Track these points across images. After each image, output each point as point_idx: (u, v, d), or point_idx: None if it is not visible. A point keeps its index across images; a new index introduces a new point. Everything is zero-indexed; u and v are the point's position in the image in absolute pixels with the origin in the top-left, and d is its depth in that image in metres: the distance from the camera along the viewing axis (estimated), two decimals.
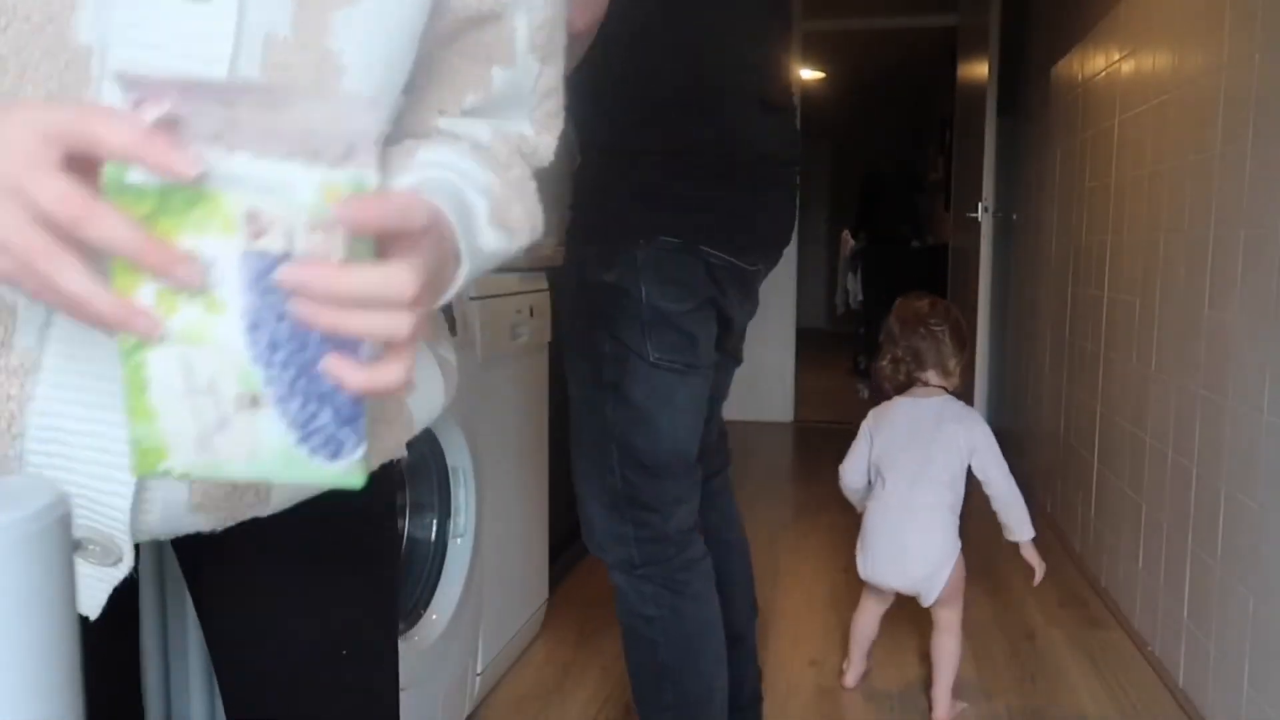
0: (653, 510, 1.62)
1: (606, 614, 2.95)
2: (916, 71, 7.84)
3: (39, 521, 0.40)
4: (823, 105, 8.44)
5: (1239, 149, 2.13)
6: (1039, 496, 4.02)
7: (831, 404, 6.40)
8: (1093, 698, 2.40)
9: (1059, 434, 3.77)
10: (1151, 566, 2.62)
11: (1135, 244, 2.89)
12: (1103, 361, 3.20)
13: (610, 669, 2.49)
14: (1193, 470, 2.34)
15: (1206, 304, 2.30)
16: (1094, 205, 3.37)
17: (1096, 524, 3.17)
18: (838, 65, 7.77)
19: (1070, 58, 3.79)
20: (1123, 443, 2.93)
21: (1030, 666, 2.56)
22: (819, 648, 2.65)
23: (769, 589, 3.12)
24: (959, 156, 5.49)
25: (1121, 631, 2.79)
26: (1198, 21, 2.44)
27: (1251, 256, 2.06)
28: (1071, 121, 3.74)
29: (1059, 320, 3.85)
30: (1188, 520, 2.37)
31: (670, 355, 1.58)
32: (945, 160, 6.78)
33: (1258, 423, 2.00)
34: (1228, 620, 2.13)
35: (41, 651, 0.32)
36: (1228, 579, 2.14)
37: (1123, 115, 3.06)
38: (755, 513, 3.86)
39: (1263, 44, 2.04)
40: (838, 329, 9.16)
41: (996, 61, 4.69)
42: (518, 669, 2.46)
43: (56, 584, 0.41)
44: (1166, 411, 2.55)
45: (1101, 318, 3.23)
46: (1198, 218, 2.37)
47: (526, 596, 2.54)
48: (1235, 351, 2.13)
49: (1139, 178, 2.87)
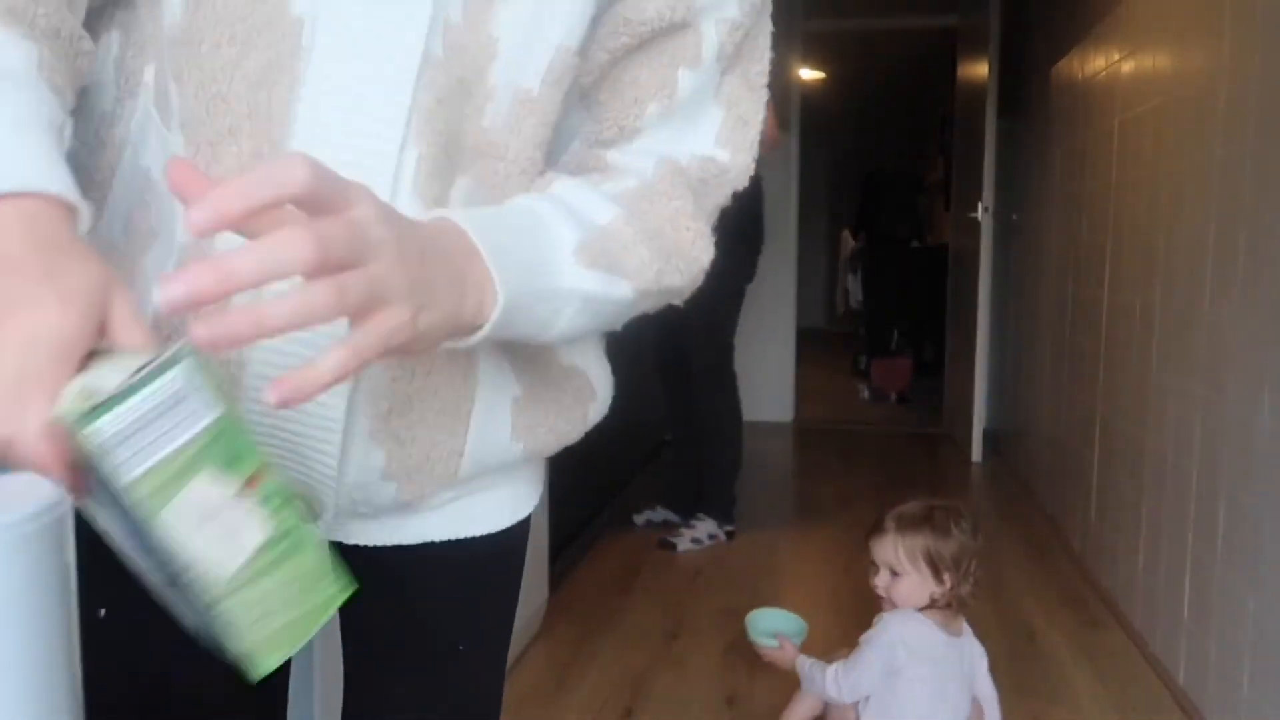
0: None
1: (606, 614, 2.96)
2: (916, 71, 7.83)
3: (39, 521, 0.40)
4: (823, 105, 8.43)
5: (1239, 149, 2.13)
6: (1039, 496, 4.02)
7: (831, 404, 6.40)
8: (1093, 697, 2.40)
9: (1059, 434, 3.77)
10: (1151, 566, 2.62)
11: (1135, 244, 2.89)
12: (1103, 361, 3.20)
13: (610, 669, 2.49)
14: (1193, 470, 2.34)
15: (1206, 304, 2.30)
16: (1094, 205, 3.37)
17: (1096, 524, 3.17)
18: (838, 65, 7.77)
19: (1070, 58, 3.79)
20: (1123, 443, 2.93)
21: (1030, 666, 2.56)
22: (819, 648, 2.65)
23: (769, 589, 3.12)
24: (959, 156, 5.48)
25: (1121, 631, 2.79)
26: (1198, 21, 2.44)
27: (1251, 256, 2.06)
28: (1071, 121, 3.74)
29: (1059, 320, 3.85)
30: (1188, 520, 2.36)
31: None
32: (945, 160, 6.78)
33: (1258, 423, 2.00)
34: (1228, 620, 2.13)
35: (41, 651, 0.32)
36: (1228, 579, 2.13)
37: (1123, 115, 3.06)
38: (755, 512, 3.85)
39: (1263, 44, 2.04)
40: (838, 329, 9.16)
41: (996, 61, 4.68)
42: (518, 669, 2.46)
43: (56, 584, 0.41)
44: (1166, 411, 2.55)
45: (1101, 318, 3.23)
46: (1198, 218, 2.36)
47: (526, 596, 2.53)
48: (1235, 351, 2.13)
49: (1139, 178, 2.87)
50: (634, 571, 3.24)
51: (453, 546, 0.75)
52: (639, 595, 3.05)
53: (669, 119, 0.70)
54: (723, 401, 3.59)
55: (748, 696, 2.40)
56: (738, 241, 3.43)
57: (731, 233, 0.79)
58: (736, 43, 0.71)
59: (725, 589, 3.10)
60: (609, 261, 0.63)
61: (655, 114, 0.70)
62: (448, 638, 0.80)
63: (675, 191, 0.69)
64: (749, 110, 0.73)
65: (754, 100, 0.73)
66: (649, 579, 3.19)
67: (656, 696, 2.40)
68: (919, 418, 5.96)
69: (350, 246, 0.46)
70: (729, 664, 2.55)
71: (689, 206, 0.69)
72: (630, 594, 3.05)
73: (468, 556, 0.76)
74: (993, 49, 4.69)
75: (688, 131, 0.71)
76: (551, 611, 2.76)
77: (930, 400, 6.06)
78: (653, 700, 2.38)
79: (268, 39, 0.58)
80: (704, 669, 2.54)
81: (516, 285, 0.56)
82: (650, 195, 0.68)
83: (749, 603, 2.99)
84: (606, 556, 3.37)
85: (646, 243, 0.65)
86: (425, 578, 0.77)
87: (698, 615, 2.89)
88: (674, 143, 0.71)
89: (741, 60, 0.72)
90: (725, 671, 2.52)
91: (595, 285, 0.62)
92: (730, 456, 3.60)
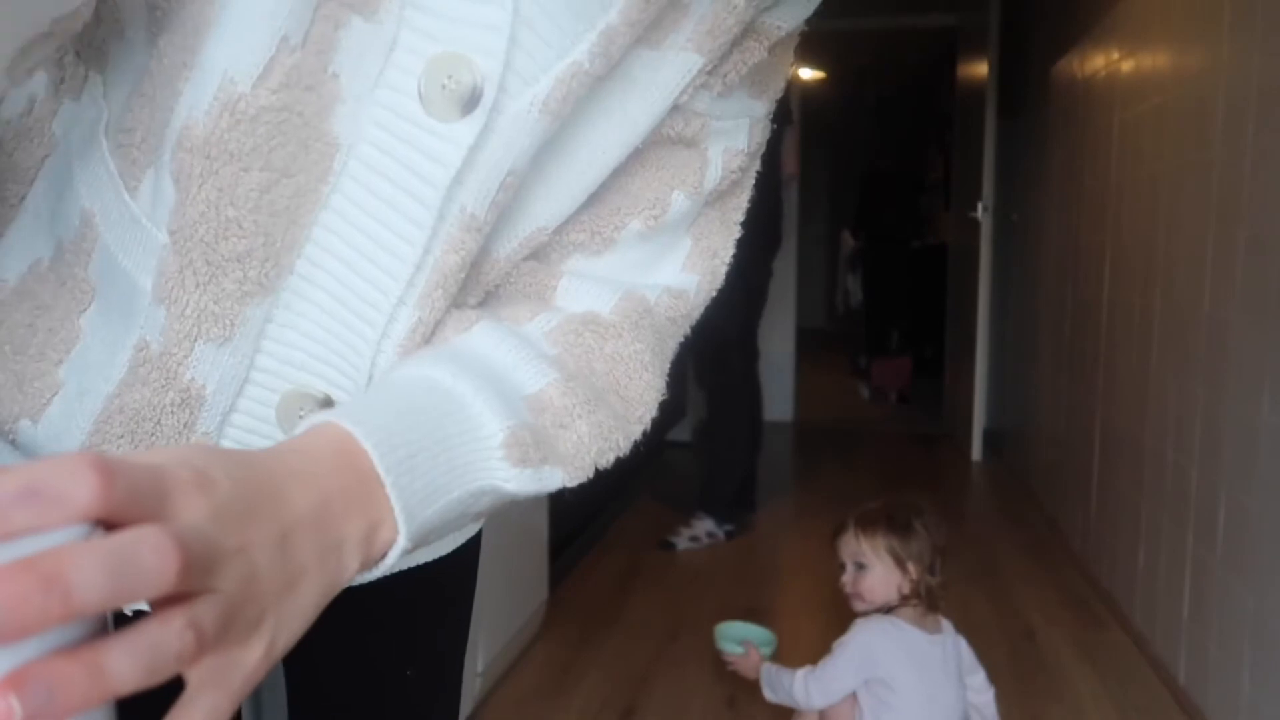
0: None
1: (606, 614, 2.96)
2: (916, 71, 7.84)
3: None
4: (823, 105, 8.43)
5: (1239, 148, 2.13)
6: (1039, 496, 4.02)
7: (831, 404, 6.40)
8: (1093, 697, 2.40)
9: (1059, 434, 3.76)
10: (1151, 567, 2.62)
11: (1135, 244, 2.89)
12: (1103, 361, 3.20)
13: (610, 669, 2.49)
14: (1193, 470, 2.34)
15: (1207, 304, 2.29)
16: (1094, 205, 3.37)
17: (1096, 524, 3.17)
18: (838, 65, 7.77)
19: (1070, 58, 3.79)
20: (1123, 443, 2.93)
21: (1030, 666, 2.56)
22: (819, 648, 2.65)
23: (769, 588, 3.12)
24: (959, 156, 5.48)
25: (1121, 631, 2.79)
26: (1198, 21, 2.44)
27: (1251, 256, 2.06)
28: (1071, 121, 3.74)
29: (1059, 320, 3.85)
30: (1188, 520, 2.36)
31: None
32: (945, 160, 6.78)
33: (1258, 423, 2.00)
34: (1228, 620, 2.13)
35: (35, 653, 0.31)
36: (1228, 579, 2.13)
37: (1123, 115, 3.06)
38: (755, 512, 3.86)
39: (1263, 44, 2.04)
40: (838, 329, 9.16)
41: (996, 61, 4.68)
42: (518, 669, 2.46)
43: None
44: (1166, 411, 2.55)
45: (1101, 318, 3.23)
46: (1198, 218, 2.36)
47: (526, 596, 2.54)
48: (1235, 352, 2.13)
49: (1139, 178, 2.87)
50: (634, 571, 3.23)
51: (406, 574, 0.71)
52: (639, 595, 3.05)
53: (646, 242, 0.63)
54: (728, 400, 3.62)
55: (748, 697, 2.39)
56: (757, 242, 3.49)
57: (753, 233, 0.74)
58: (733, 180, 0.65)
59: (725, 589, 3.10)
60: (541, 453, 0.53)
61: (635, 232, 0.62)
62: (397, 668, 0.76)
63: (636, 334, 0.60)
64: (719, 243, 0.66)
65: (725, 235, 0.67)
66: (649, 579, 3.19)
67: (656, 696, 2.40)
68: (919, 418, 5.96)
69: (200, 562, 0.34)
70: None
71: (647, 354, 0.60)
72: (630, 594, 3.05)
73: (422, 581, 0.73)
74: (993, 49, 4.69)
75: (658, 262, 0.64)
76: (551, 611, 2.76)
77: (930, 400, 6.06)
78: (653, 700, 2.38)
79: (302, 165, 0.51)
80: (704, 669, 2.53)
81: (425, 515, 0.47)
82: (603, 335, 0.59)
83: (749, 603, 2.99)
84: (606, 556, 3.37)
85: (588, 414, 0.56)
86: (376, 611, 0.73)
87: (698, 615, 2.89)
88: (642, 272, 0.64)
89: (724, 196, 0.66)
90: (725, 672, 2.52)
91: (521, 484, 0.53)
92: (734, 457, 3.61)
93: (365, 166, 0.53)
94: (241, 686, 0.37)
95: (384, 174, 0.53)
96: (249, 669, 0.37)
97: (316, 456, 0.44)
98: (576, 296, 0.61)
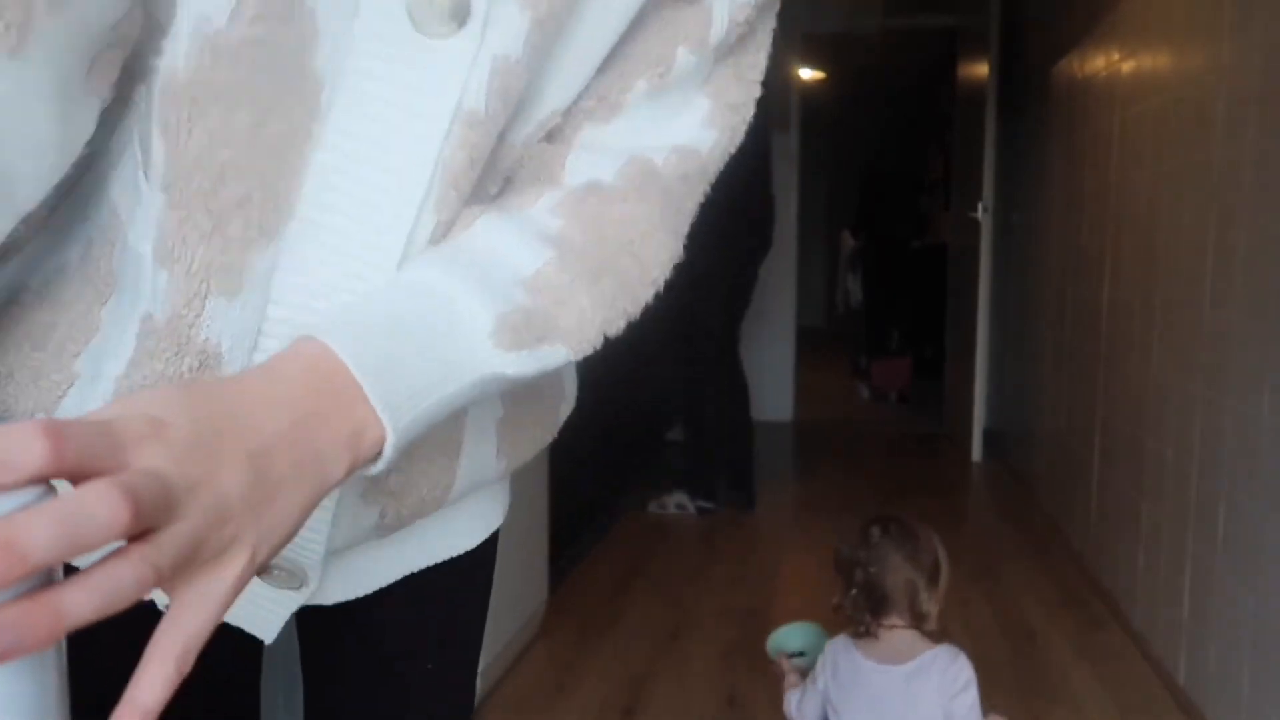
0: None
1: (606, 614, 2.95)
2: (916, 71, 7.83)
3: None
4: (823, 105, 8.43)
5: (1239, 149, 2.13)
6: (1039, 496, 4.02)
7: (831, 404, 6.40)
8: (1093, 697, 2.40)
9: (1059, 434, 3.76)
10: (1151, 566, 2.62)
11: (1135, 244, 2.89)
12: (1103, 361, 3.20)
13: (610, 669, 2.49)
14: (1193, 470, 2.34)
15: (1207, 304, 2.29)
16: (1094, 205, 3.37)
17: (1096, 524, 3.17)
18: (838, 65, 7.76)
19: (1070, 58, 3.79)
20: (1123, 443, 2.93)
21: (1030, 666, 2.56)
22: None
23: (770, 588, 3.12)
24: (959, 156, 5.48)
25: (1121, 631, 2.79)
26: (1198, 21, 2.44)
27: (1251, 256, 2.06)
28: (1071, 121, 3.74)
29: (1059, 320, 3.85)
30: (1188, 520, 2.36)
31: None
32: (945, 160, 6.78)
33: (1258, 423, 2.00)
34: (1228, 620, 2.13)
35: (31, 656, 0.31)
36: (1228, 579, 2.13)
37: (1123, 115, 3.06)
38: (756, 511, 3.86)
39: (1263, 44, 2.04)
40: (838, 329, 9.16)
41: (996, 61, 4.68)
42: (518, 669, 2.45)
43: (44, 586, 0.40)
44: (1166, 411, 2.55)
45: (1101, 318, 3.23)
46: (1198, 218, 2.36)
47: (526, 596, 2.54)
48: (1235, 352, 2.13)
49: (1139, 178, 2.87)
50: (634, 571, 3.23)
51: (426, 572, 0.73)
52: (639, 595, 3.05)
53: (655, 101, 0.63)
54: (701, 387, 3.86)
55: (748, 697, 2.39)
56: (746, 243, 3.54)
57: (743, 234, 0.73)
58: (741, 34, 0.64)
59: (726, 589, 3.10)
60: (537, 332, 0.54)
61: (642, 92, 0.62)
62: (418, 662, 0.77)
63: (642, 196, 0.61)
64: (738, 98, 0.66)
65: (744, 91, 0.66)
66: (649, 578, 3.19)
67: (657, 696, 2.39)
68: (919, 418, 5.96)
69: (155, 504, 0.37)
70: (729, 664, 2.55)
71: (656, 214, 0.61)
72: (630, 593, 3.05)
73: (441, 579, 0.74)
74: (993, 49, 4.69)
75: (669, 121, 0.64)
76: (551, 611, 2.76)
77: (930, 400, 6.06)
78: (653, 700, 2.38)
79: (288, 102, 0.51)
80: (704, 669, 2.54)
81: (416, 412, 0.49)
82: (609, 201, 0.60)
83: (749, 603, 2.99)
84: (606, 556, 3.37)
85: (589, 285, 0.57)
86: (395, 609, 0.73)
87: (698, 615, 2.89)
88: (652, 133, 0.63)
89: (735, 52, 0.65)
90: (725, 671, 2.52)
91: (520, 366, 0.54)
92: (706, 442, 3.88)
93: (359, 99, 0.53)
94: (223, 598, 0.41)
95: (385, 102, 0.53)
96: (229, 581, 0.41)
97: (286, 376, 0.47)
98: (582, 169, 0.62)
